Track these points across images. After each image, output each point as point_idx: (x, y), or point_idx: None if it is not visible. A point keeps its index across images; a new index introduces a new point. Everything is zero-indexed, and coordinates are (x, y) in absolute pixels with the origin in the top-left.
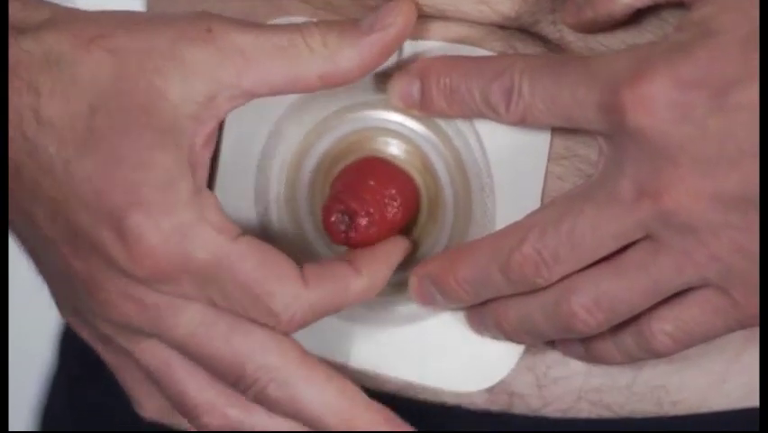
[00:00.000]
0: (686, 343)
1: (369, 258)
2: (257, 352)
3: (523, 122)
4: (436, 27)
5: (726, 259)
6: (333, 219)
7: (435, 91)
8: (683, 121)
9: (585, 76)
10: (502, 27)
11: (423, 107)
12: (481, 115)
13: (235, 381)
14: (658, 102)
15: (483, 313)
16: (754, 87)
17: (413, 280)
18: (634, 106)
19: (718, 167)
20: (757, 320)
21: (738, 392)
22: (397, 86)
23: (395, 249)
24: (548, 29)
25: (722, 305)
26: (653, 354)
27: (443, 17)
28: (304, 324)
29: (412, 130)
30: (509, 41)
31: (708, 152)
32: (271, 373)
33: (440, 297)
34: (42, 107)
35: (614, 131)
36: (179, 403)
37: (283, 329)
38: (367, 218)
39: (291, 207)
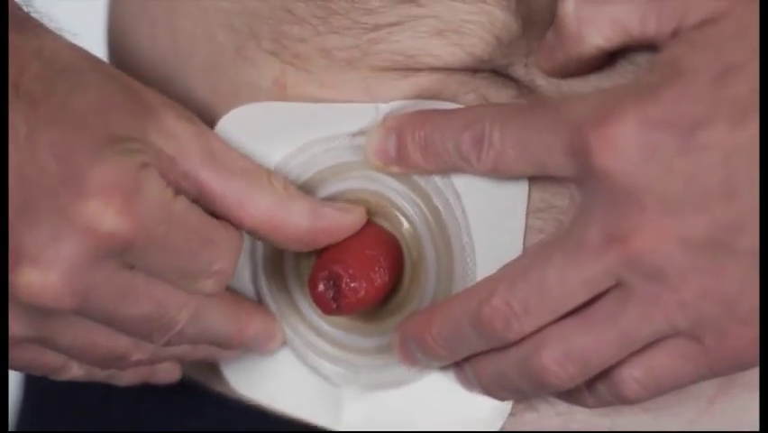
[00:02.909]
0: (655, 390)
1: None
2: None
3: (495, 171)
4: (406, 85)
5: (695, 304)
6: (319, 289)
7: (411, 145)
8: (649, 162)
9: (553, 120)
10: (474, 71)
11: (400, 163)
12: (456, 167)
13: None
14: (624, 143)
15: (465, 369)
16: (723, 126)
17: (396, 340)
18: (600, 148)
19: (685, 209)
20: (731, 368)
21: None
22: (374, 142)
23: None
24: (520, 71)
25: (692, 352)
26: (623, 400)
27: (414, 68)
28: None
29: (392, 189)
30: (481, 90)
31: (675, 194)
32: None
33: (421, 355)
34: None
35: (582, 175)
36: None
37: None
38: (353, 282)
39: (278, 278)
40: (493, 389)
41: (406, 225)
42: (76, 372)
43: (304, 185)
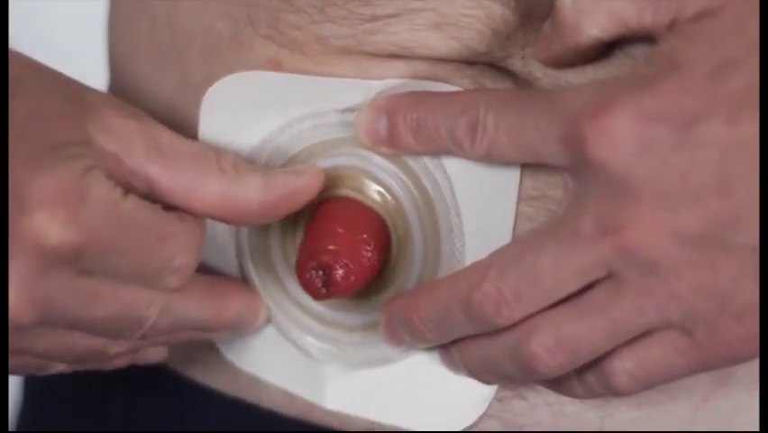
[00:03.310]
0: (646, 382)
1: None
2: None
3: (488, 157)
4: (402, 66)
5: (688, 298)
6: (308, 276)
7: (402, 127)
8: (645, 155)
9: (548, 109)
10: (470, 63)
11: (390, 144)
12: (448, 151)
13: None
14: (620, 135)
15: (452, 352)
16: (719, 121)
17: (382, 319)
18: (595, 139)
19: (681, 203)
20: (723, 362)
21: None
22: (364, 121)
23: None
24: (517, 64)
25: (684, 346)
26: (614, 392)
27: (409, 55)
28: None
29: (380, 168)
30: (477, 78)
31: (671, 188)
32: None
33: (408, 336)
34: None
35: (577, 165)
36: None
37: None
38: (343, 269)
39: (263, 253)
40: (480, 373)
41: (393, 203)
42: (60, 367)
43: (291, 160)
